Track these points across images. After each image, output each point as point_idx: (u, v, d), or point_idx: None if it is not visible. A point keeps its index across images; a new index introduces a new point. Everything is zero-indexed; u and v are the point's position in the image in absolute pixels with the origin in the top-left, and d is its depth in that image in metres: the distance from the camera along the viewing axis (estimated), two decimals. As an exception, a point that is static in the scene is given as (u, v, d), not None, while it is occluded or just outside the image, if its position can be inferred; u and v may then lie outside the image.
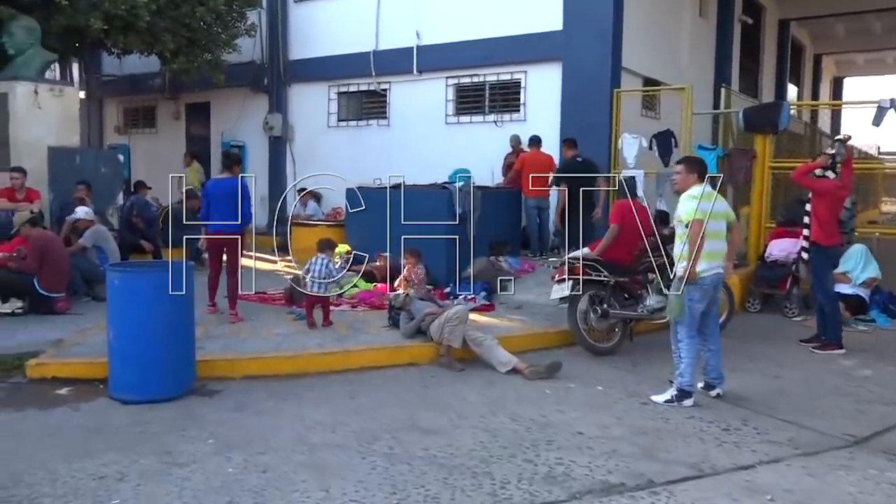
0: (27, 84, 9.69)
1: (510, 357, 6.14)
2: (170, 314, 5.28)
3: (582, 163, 9.61)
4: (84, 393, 5.47)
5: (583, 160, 9.63)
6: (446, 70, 12.34)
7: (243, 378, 5.88)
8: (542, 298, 8.47)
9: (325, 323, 7.12)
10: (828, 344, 7.02)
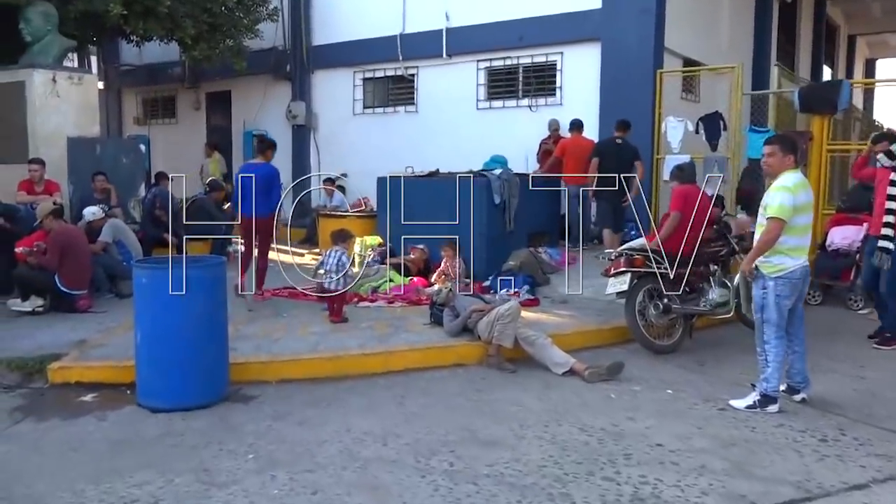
0: (45, 72, 9.29)
1: (566, 357, 5.67)
2: (202, 314, 4.85)
3: (620, 145, 9.08)
4: (110, 400, 5.06)
5: (622, 142, 9.09)
6: (477, 53, 11.83)
7: (279, 381, 5.45)
8: (589, 292, 7.99)
9: (334, 318, 6.70)
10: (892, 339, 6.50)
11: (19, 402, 5.07)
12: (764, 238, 4.62)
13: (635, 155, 8.98)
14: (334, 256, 6.80)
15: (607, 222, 9.19)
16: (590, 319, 6.97)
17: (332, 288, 6.78)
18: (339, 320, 6.73)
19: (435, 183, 8.97)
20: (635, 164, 8.94)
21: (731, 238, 6.77)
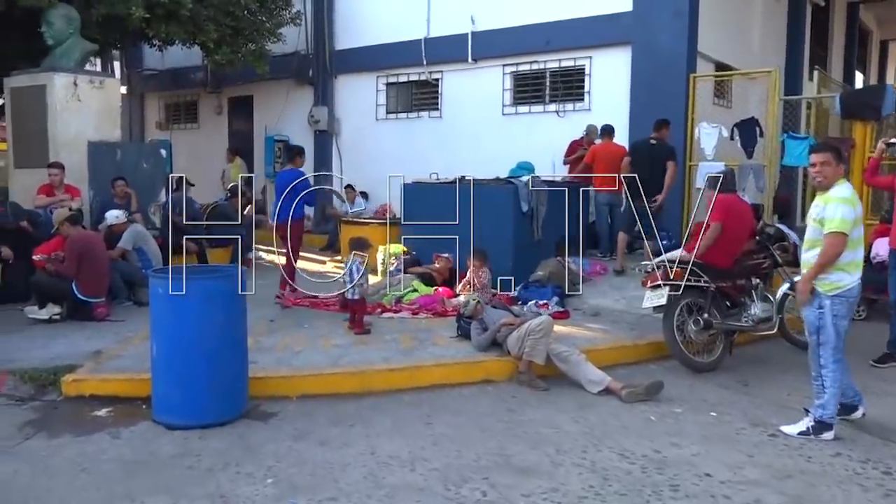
0: (66, 75, 9.16)
1: (602, 375, 5.37)
2: (222, 326, 4.62)
3: (654, 146, 8.73)
4: (125, 415, 4.85)
5: (656, 143, 8.73)
6: (503, 57, 11.55)
7: (300, 397, 5.21)
8: (620, 304, 7.72)
9: (356, 329, 6.52)
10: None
11: (31, 415, 4.87)
12: (828, 254, 4.29)
13: (668, 155, 8.55)
14: (348, 264, 6.63)
15: (624, 224, 8.86)
16: (623, 334, 6.67)
17: (350, 297, 6.59)
18: (360, 331, 6.50)
19: (460, 190, 8.70)
20: (668, 164, 8.55)
21: (774, 250, 6.45)
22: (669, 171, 8.42)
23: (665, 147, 8.58)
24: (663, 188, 8.37)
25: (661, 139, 8.64)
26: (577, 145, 10.41)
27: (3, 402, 5.15)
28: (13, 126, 9.63)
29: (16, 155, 9.54)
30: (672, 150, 8.55)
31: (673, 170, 8.44)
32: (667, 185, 8.44)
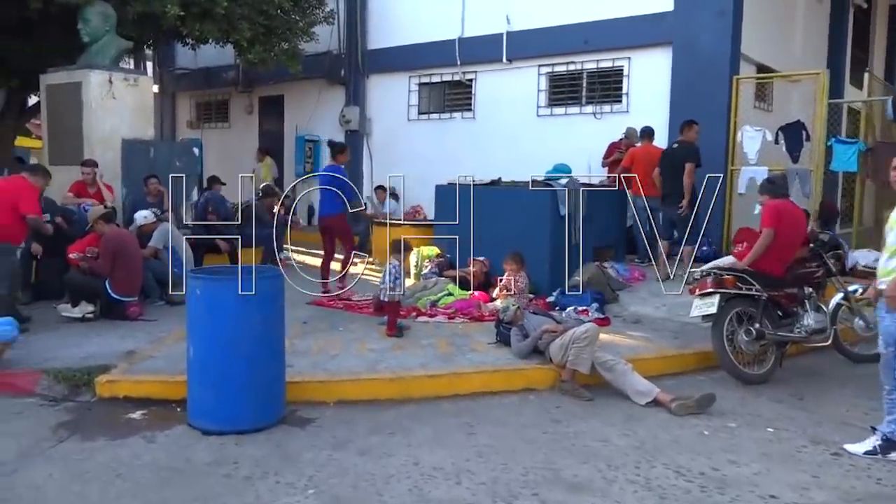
0: (102, 73, 9.14)
1: (650, 386, 5.16)
2: (260, 329, 4.49)
3: (675, 149, 8.47)
4: (159, 418, 4.73)
5: (678, 145, 8.47)
6: (539, 57, 11.36)
7: (337, 403, 5.06)
8: (662, 312, 7.47)
9: (388, 331, 6.43)
10: None
11: (65, 416, 4.78)
12: None
13: (686, 157, 8.25)
14: (386, 269, 6.52)
15: (663, 232, 8.63)
16: (667, 342, 6.44)
17: (383, 298, 6.46)
18: (392, 333, 6.37)
19: (497, 192, 8.53)
20: (685, 166, 8.24)
21: (828, 258, 6.18)
22: (685, 172, 8.13)
23: (685, 149, 8.30)
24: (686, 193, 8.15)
25: (685, 141, 8.37)
26: (615, 148, 10.18)
27: (37, 401, 5.06)
28: (49, 123, 9.63)
29: (51, 152, 9.54)
30: (691, 152, 8.25)
31: (689, 171, 8.13)
32: (685, 188, 8.16)
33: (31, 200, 6.58)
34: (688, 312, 7.28)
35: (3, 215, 6.43)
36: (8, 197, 6.46)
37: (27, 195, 6.55)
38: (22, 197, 6.49)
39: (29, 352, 5.76)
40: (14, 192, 6.50)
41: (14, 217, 6.48)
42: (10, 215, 6.46)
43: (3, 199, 6.45)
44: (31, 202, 6.58)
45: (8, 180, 6.84)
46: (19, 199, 6.47)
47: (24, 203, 6.48)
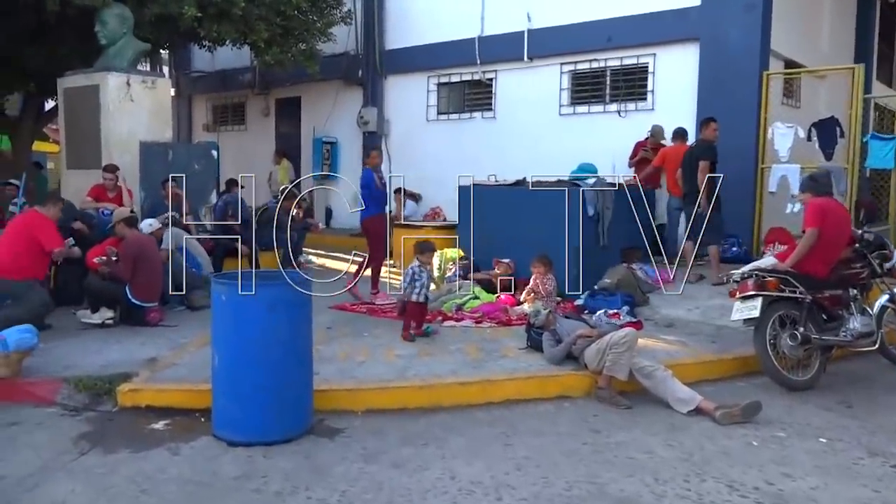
0: (119, 75, 9.05)
1: (691, 393, 4.93)
2: (287, 336, 4.31)
3: (692, 147, 8.21)
4: (183, 429, 4.57)
5: (696, 144, 8.20)
6: (561, 55, 11.15)
7: (366, 411, 4.88)
8: (695, 314, 7.26)
9: (412, 331, 6.32)
10: None
11: (86, 427, 4.62)
12: None
13: (700, 154, 7.99)
14: (409, 269, 6.40)
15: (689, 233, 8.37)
16: (704, 347, 6.20)
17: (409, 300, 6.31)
18: (419, 333, 6.29)
19: (522, 192, 8.32)
20: (700, 164, 7.95)
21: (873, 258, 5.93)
22: (699, 168, 7.86)
23: (701, 147, 8.04)
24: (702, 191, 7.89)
25: (702, 140, 8.12)
26: (641, 147, 9.96)
27: (57, 411, 4.92)
28: (66, 127, 9.55)
29: (68, 156, 9.46)
30: (706, 149, 7.97)
31: (702, 168, 7.84)
32: (700, 185, 7.89)
33: (52, 236, 6.57)
34: (722, 315, 7.15)
35: (26, 253, 6.41)
36: (28, 235, 6.44)
37: (48, 231, 6.53)
38: (43, 233, 6.48)
39: (48, 359, 5.62)
40: (33, 229, 6.48)
41: (37, 254, 6.48)
42: (33, 252, 6.45)
43: (24, 237, 6.43)
44: (53, 238, 6.57)
45: (24, 217, 6.79)
46: (40, 236, 6.45)
47: (47, 240, 6.49)
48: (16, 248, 6.37)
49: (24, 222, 6.61)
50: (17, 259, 6.33)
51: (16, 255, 6.34)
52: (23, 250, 6.38)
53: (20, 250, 6.37)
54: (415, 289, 6.30)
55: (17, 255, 6.35)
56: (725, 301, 7.42)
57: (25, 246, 6.39)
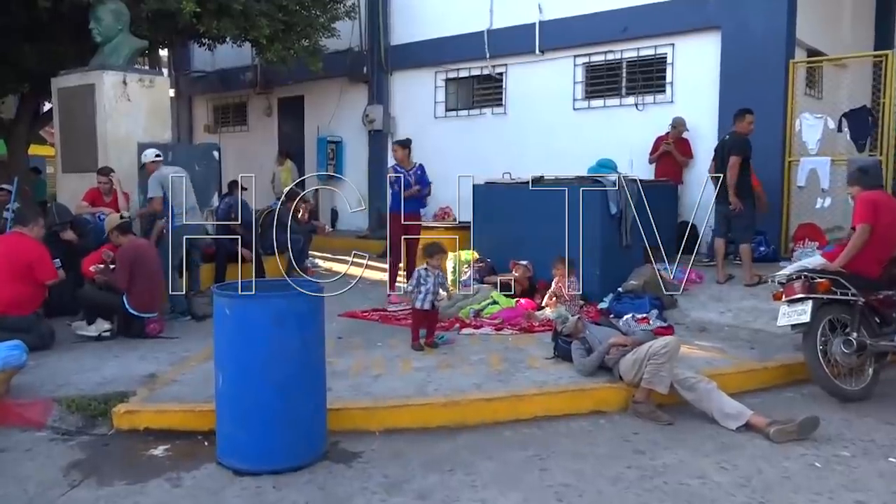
0: (116, 74, 8.62)
1: (740, 407, 4.51)
2: (298, 352, 3.89)
3: (725, 140, 7.70)
4: (184, 455, 4.16)
5: (728, 137, 7.69)
6: (574, 48, 10.70)
7: (384, 431, 4.47)
8: (727, 318, 6.84)
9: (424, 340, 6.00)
10: None
11: (79, 454, 4.21)
12: None
13: (730, 148, 7.48)
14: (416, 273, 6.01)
15: (718, 230, 7.93)
16: (743, 353, 5.78)
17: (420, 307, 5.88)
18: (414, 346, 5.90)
19: (540, 191, 7.89)
20: (731, 158, 7.44)
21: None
22: (729, 163, 7.38)
23: (733, 140, 7.54)
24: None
25: (735, 132, 7.60)
26: (662, 141, 9.52)
27: (48, 435, 4.51)
28: (61, 128, 9.14)
29: (64, 158, 9.05)
30: (737, 143, 7.44)
31: (732, 164, 7.35)
32: (728, 181, 7.42)
33: (47, 268, 6.12)
34: (756, 318, 6.73)
35: (24, 286, 5.97)
36: (21, 266, 5.96)
37: (41, 262, 6.07)
38: (37, 265, 6.03)
39: (40, 377, 5.23)
40: (26, 260, 5.98)
41: (34, 285, 6.06)
42: (29, 284, 6.02)
43: (16, 268, 5.95)
44: (46, 267, 6.11)
45: (11, 244, 6.13)
46: (35, 267, 6.01)
47: (41, 271, 6.06)
48: (12, 282, 5.91)
49: (13, 250, 6.03)
50: (17, 294, 5.91)
51: (14, 290, 5.91)
52: (20, 284, 5.94)
53: (18, 285, 5.93)
54: (419, 294, 5.88)
55: (16, 290, 5.92)
56: (759, 303, 7.05)
57: (20, 277, 5.95)
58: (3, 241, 6.26)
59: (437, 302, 6.00)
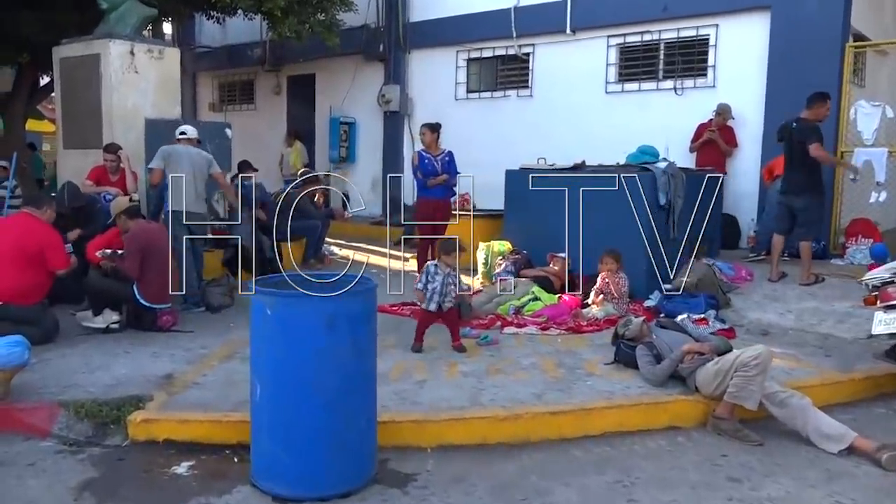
0: (123, 43, 7.99)
1: (842, 429, 3.98)
2: (350, 361, 3.34)
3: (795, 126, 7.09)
4: (213, 474, 3.62)
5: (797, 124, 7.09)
6: (608, 27, 10.12)
7: (437, 448, 3.93)
8: (788, 320, 6.32)
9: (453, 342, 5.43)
10: None
11: (90, 471, 3.66)
12: None
13: (804, 137, 6.84)
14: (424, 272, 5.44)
15: (780, 225, 7.33)
16: (819, 362, 5.23)
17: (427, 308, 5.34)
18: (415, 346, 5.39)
19: (581, 178, 7.32)
20: (809, 148, 6.83)
21: None
22: (812, 148, 6.76)
23: (804, 127, 6.93)
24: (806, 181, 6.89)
25: (805, 119, 6.98)
26: (705, 128, 8.96)
27: (54, 446, 3.96)
28: (63, 102, 8.51)
29: (65, 134, 8.43)
30: (812, 129, 6.84)
31: (816, 147, 6.75)
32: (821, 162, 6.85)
33: (60, 254, 5.54)
34: (821, 321, 6.22)
35: (31, 274, 5.37)
36: (30, 252, 5.35)
37: (54, 248, 5.49)
38: (50, 251, 5.44)
39: (43, 376, 4.67)
40: (36, 245, 5.38)
41: (41, 273, 5.47)
42: (37, 271, 5.42)
43: (24, 254, 5.34)
44: (60, 255, 5.54)
45: (20, 227, 5.50)
46: (47, 253, 5.43)
47: (53, 258, 5.48)
48: (19, 269, 5.31)
49: (25, 234, 5.43)
50: (22, 282, 5.32)
51: (21, 278, 5.31)
52: (28, 270, 5.36)
53: (25, 272, 5.34)
54: (426, 293, 5.31)
55: (23, 278, 5.33)
56: (820, 304, 6.54)
57: (29, 264, 5.36)
58: (13, 223, 5.65)
59: (449, 303, 5.40)
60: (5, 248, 5.31)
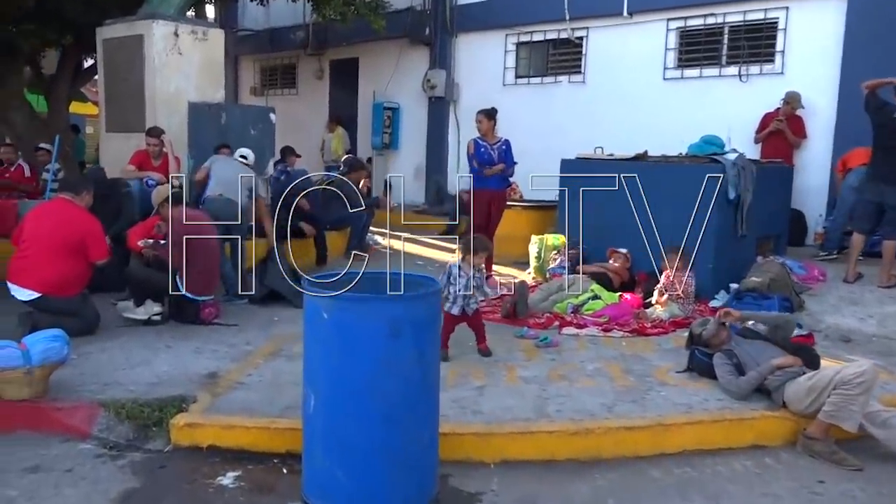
0: (166, 24, 7.78)
1: (956, 455, 3.56)
2: (414, 370, 3.02)
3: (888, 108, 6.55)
4: (260, 487, 3.35)
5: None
6: (668, 10, 9.59)
7: (500, 463, 3.60)
8: (870, 325, 5.89)
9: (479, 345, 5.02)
10: None
11: (131, 480, 3.41)
12: None
13: None
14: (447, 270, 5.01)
15: (863, 224, 6.81)
16: (913, 374, 4.79)
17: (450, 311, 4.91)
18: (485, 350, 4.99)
19: (644, 169, 6.90)
20: None
21: None
22: None
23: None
24: None
25: None
26: (771, 118, 8.43)
27: (93, 449, 3.73)
28: (106, 84, 8.36)
29: (108, 117, 8.28)
30: None
31: None
32: None
33: (100, 242, 5.32)
34: (906, 327, 5.74)
35: (71, 264, 5.15)
36: (70, 242, 5.13)
37: (94, 237, 5.26)
38: (90, 239, 5.22)
39: (82, 371, 4.45)
40: (77, 229, 5.18)
41: (81, 263, 5.24)
42: (77, 262, 5.20)
43: (64, 245, 5.11)
44: (101, 244, 5.32)
45: (59, 214, 5.27)
46: (87, 242, 5.21)
47: (94, 247, 5.25)
48: (59, 258, 5.09)
49: (65, 222, 5.21)
50: (63, 272, 5.11)
51: (61, 268, 5.10)
52: (69, 260, 5.15)
53: (67, 261, 5.13)
54: (448, 295, 4.89)
55: (64, 268, 5.11)
56: (905, 308, 6.06)
57: (70, 253, 5.15)
58: (52, 210, 5.40)
59: (474, 306, 5.02)
60: (44, 237, 5.11)
